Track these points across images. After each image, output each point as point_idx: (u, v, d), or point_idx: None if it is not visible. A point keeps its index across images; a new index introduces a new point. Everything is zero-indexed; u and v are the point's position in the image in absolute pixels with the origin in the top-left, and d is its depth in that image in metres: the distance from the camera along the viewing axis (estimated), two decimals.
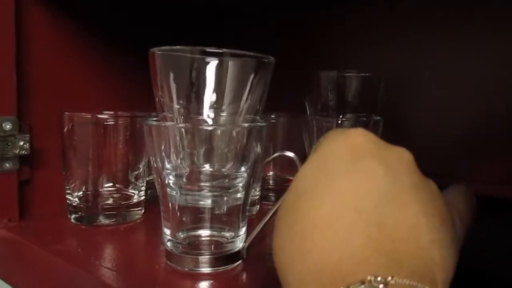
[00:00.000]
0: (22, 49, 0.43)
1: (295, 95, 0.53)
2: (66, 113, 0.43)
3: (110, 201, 0.45)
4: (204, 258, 0.32)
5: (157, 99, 0.33)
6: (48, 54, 0.47)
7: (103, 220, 0.44)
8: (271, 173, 0.57)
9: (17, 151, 0.42)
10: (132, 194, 0.46)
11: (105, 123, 0.44)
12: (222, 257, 0.33)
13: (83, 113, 0.43)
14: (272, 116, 0.54)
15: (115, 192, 0.46)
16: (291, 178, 0.56)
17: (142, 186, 0.47)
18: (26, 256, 0.40)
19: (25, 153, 0.43)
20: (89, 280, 0.33)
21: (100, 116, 0.44)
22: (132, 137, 0.45)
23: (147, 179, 0.48)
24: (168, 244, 0.33)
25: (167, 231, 0.33)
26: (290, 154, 0.33)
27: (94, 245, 0.38)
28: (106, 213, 0.44)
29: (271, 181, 0.56)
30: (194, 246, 0.33)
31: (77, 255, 0.36)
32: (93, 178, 0.45)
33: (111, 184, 0.46)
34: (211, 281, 0.31)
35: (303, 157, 0.52)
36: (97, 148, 0.44)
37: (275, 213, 0.35)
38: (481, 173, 0.50)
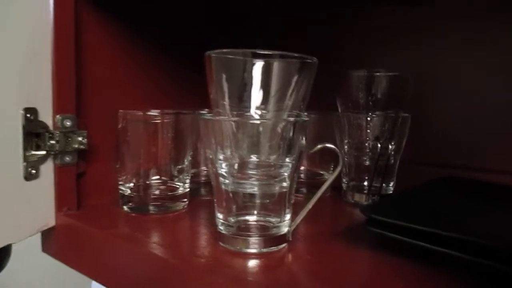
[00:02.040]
0: (80, 55, 0.48)
1: (326, 93, 0.56)
2: (120, 111, 0.47)
3: (158, 192, 0.49)
4: (253, 239, 0.36)
5: (211, 96, 0.37)
6: (102, 59, 0.51)
7: (152, 209, 0.48)
8: (302, 167, 0.60)
9: (76, 146, 0.46)
10: (178, 186, 0.50)
11: (154, 120, 0.48)
12: (270, 239, 0.36)
13: (135, 111, 0.47)
14: (304, 113, 0.58)
15: (162, 184, 0.50)
16: (322, 172, 0.59)
17: (187, 179, 0.51)
18: (86, 240, 0.44)
19: (83, 147, 0.47)
20: (149, 258, 0.37)
21: (150, 114, 0.48)
22: (178, 134, 0.49)
23: (191, 172, 0.52)
24: (221, 227, 0.37)
25: (220, 215, 0.37)
26: (332, 146, 0.36)
27: (148, 230, 0.42)
28: (155, 203, 0.48)
29: (302, 175, 0.60)
30: (243, 229, 0.36)
31: (135, 237, 0.40)
32: (143, 171, 0.49)
33: (158, 177, 0.50)
34: (260, 260, 0.35)
35: (334, 154, 0.55)
36: (147, 144, 0.48)
37: (317, 201, 0.38)
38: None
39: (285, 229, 0.37)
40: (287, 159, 0.36)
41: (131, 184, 0.49)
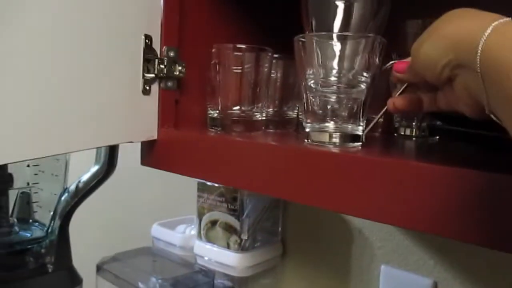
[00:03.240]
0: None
1: None
2: (214, 46, 0.56)
3: (240, 117, 0.58)
4: (335, 135, 0.44)
5: (306, 31, 0.46)
6: (201, 3, 0.60)
7: (235, 129, 0.56)
8: None
9: (177, 73, 0.56)
10: (256, 114, 0.59)
11: (242, 54, 0.57)
12: (348, 137, 0.45)
13: (227, 46, 0.56)
14: None
15: (243, 112, 0.59)
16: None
17: (263, 111, 0.59)
18: (185, 148, 0.53)
19: (182, 75, 0.56)
20: (248, 149, 0.46)
21: (239, 49, 0.56)
22: (260, 71, 0.58)
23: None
24: (308, 129, 0.46)
25: (308, 120, 0.46)
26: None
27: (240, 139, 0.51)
28: (237, 124, 0.57)
29: None
30: (326, 129, 0.45)
31: (234, 140, 0.49)
32: (230, 100, 0.58)
33: (239, 106, 0.59)
34: (341, 149, 0.43)
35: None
36: (235, 77, 0.57)
37: (385, 112, 0.47)
38: None
39: (360, 132, 0.46)
40: (365, 74, 0.45)
41: (218, 110, 0.58)
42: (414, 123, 0.61)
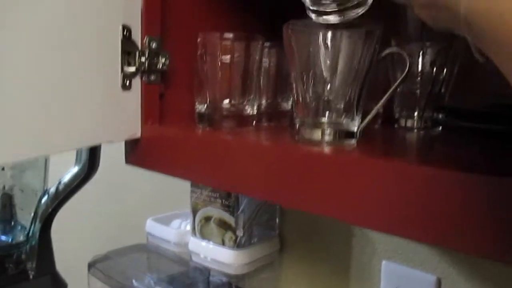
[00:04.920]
0: None
1: None
2: (201, 34, 0.52)
3: (230, 112, 0.54)
4: (328, 131, 0.41)
5: None
6: None
7: (225, 125, 0.53)
8: None
9: (160, 66, 0.52)
10: (247, 109, 0.55)
11: (230, 44, 0.53)
12: (342, 133, 0.41)
13: (214, 35, 0.52)
14: None
15: (233, 106, 0.55)
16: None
17: (254, 104, 0.56)
18: (171, 146, 0.50)
19: (166, 68, 0.53)
20: (237, 149, 0.42)
21: (227, 38, 0.52)
22: (251, 61, 0.54)
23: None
24: (299, 124, 0.42)
25: (299, 115, 0.42)
26: (400, 50, 0.41)
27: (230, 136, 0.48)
28: (227, 120, 0.53)
29: None
30: (319, 125, 0.42)
31: (220, 137, 0.46)
32: (218, 92, 0.54)
33: (229, 100, 0.55)
34: (334, 147, 0.40)
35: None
36: (223, 68, 0.53)
37: (383, 104, 0.43)
38: None
39: (355, 128, 0.42)
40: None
41: (206, 105, 0.54)
42: (415, 114, 0.58)
